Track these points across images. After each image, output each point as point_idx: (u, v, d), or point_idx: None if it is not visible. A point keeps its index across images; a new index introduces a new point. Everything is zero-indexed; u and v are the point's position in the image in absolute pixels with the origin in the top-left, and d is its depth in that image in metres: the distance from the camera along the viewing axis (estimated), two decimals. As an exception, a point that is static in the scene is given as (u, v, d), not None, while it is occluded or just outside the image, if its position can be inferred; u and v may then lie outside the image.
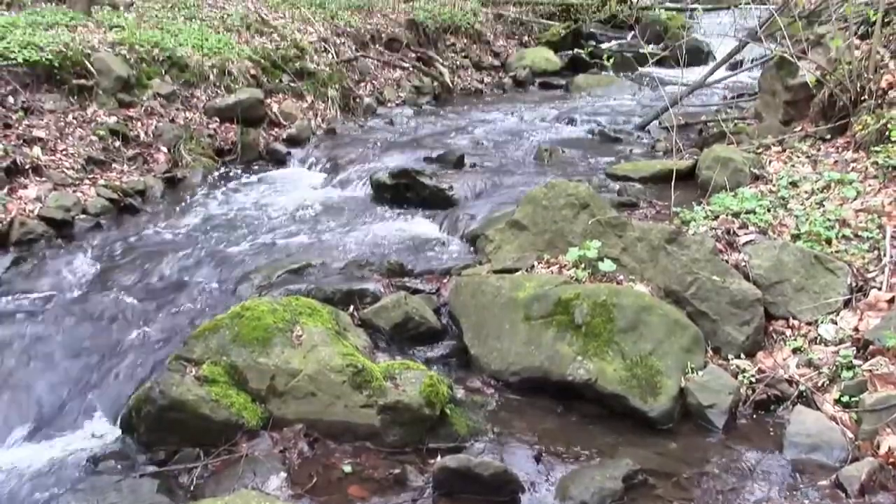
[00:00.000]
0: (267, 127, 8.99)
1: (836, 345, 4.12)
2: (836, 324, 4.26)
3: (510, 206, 5.85)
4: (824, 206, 5.25)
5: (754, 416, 3.95)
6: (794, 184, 5.77)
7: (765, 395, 3.98)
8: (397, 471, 3.50)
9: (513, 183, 7.17)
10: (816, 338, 4.24)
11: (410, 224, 6.40)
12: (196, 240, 5.96)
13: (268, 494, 3.22)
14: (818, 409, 3.79)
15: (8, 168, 6.24)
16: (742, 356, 4.23)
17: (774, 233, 4.99)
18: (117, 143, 7.31)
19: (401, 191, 6.89)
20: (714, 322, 4.32)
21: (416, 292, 4.95)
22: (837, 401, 3.78)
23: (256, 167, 8.29)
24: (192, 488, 3.42)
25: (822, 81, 6.69)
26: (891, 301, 4.22)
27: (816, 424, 3.66)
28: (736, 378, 4.05)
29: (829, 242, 4.83)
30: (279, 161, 8.48)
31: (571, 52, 14.94)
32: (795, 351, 4.20)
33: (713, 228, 5.04)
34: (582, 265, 4.67)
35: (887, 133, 5.68)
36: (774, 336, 4.38)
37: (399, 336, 4.56)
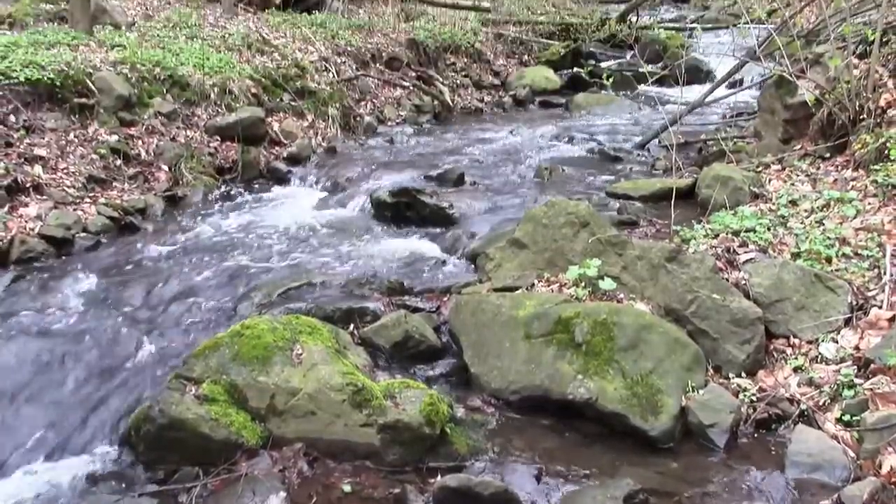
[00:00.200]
0: (268, 145, 9.01)
1: (837, 363, 4.11)
2: (837, 342, 4.25)
3: (510, 225, 5.86)
4: (824, 225, 5.25)
5: (755, 436, 3.93)
6: (794, 202, 5.78)
7: (766, 414, 3.97)
8: (397, 490, 3.49)
9: (513, 201, 7.19)
10: (817, 356, 4.23)
11: (411, 242, 6.40)
12: (196, 258, 5.96)
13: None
14: (820, 428, 3.78)
15: (9, 186, 6.25)
16: (743, 375, 4.22)
17: (774, 251, 5.00)
18: (118, 162, 7.33)
19: (401, 209, 6.90)
20: (715, 340, 4.31)
21: (417, 311, 4.94)
22: (839, 420, 3.77)
23: (257, 186, 8.31)
24: (192, 508, 3.41)
25: (821, 100, 6.71)
26: (891, 319, 4.21)
27: (818, 443, 3.65)
28: (737, 397, 4.04)
29: (830, 261, 4.83)
30: (280, 179, 8.50)
31: (571, 71, 15.01)
32: (796, 370, 4.19)
33: (713, 247, 5.05)
34: (582, 284, 4.68)
35: (886, 152, 5.70)
36: (775, 354, 4.37)
37: (399, 354, 4.56)
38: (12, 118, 6.92)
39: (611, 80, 9.13)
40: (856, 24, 7.24)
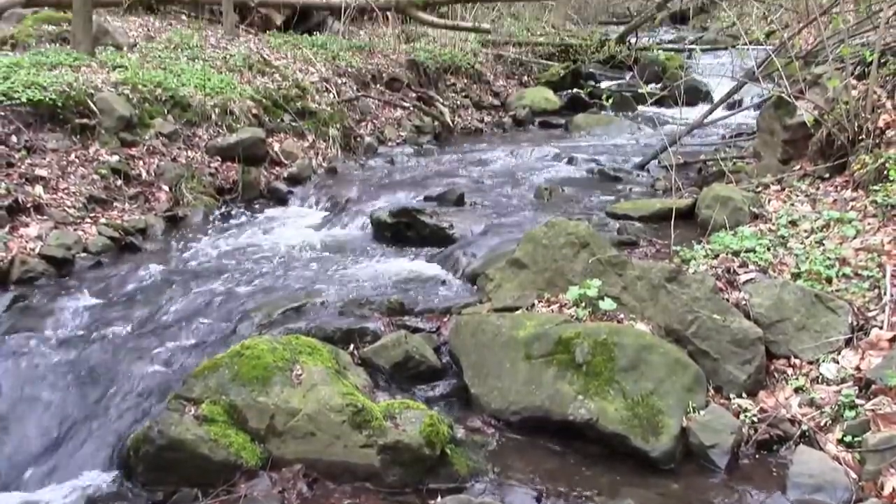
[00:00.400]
0: (268, 166, 9.02)
1: (838, 384, 4.10)
2: (838, 363, 4.24)
3: (510, 245, 5.86)
4: (824, 245, 5.25)
5: (757, 456, 3.92)
6: (794, 222, 5.78)
7: (767, 435, 3.95)
8: (397, 511, 3.48)
9: (513, 221, 7.19)
10: (818, 377, 4.22)
11: (411, 262, 6.40)
12: (196, 278, 5.95)
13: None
14: (821, 449, 3.76)
15: (10, 207, 6.26)
16: (744, 395, 4.21)
17: (775, 271, 5.00)
18: (119, 182, 7.34)
19: (401, 229, 6.91)
20: (715, 361, 4.30)
21: (417, 331, 4.94)
22: (840, 441, 3.75)
23: (257, 206, 8.32)
24: (190, 529, 3.39)
25: (820, 121, 6.73)
26: (892, 340, 4.21)
27: (819, 465, 3.63)
28: (738, 417, 4.03)
29: (830, 281, 4.83)
30: (280, 200, 8.51)
31: (571, 92, 15.08)
32: (797, 390, 4.18)
33: (713, 267, 5.05)
34: (582, 304, 4.67)
35: (885, 172, 5.71)
36: (776, 375, 4.36)
37: (399, 375, 4.54)
38: (14, 139, 6.93)
39: (610, 101, 9.20)
40: (854, 46, 7.28)
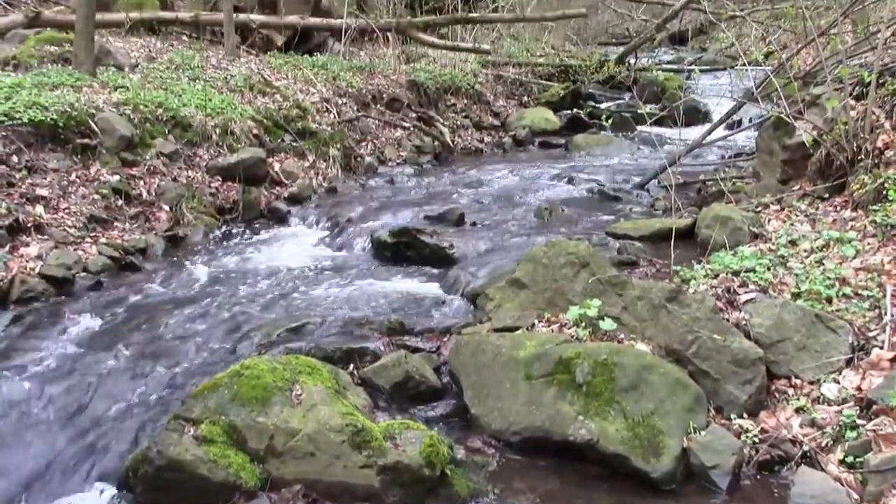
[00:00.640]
0: (268, 186, 9.06)
1: (839, 404, 4.09)
2: (839, 383, 4.23)
3: (510, 265, 5.86)
4: (824, 265, 5.25)
5: (758, 477, 3.90)
6: (794, 242, 5.79)
7: (768, 456, 3.94)
8: (397, 533, 3.46)
9: (513, 241, 7.20)
10: (819, 397, 4.20)
11: (411, 282, 6.40)
12: (196, 298, 5.96)
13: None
14: (823, 470, 3.74)
15: (10, 226, 6.27)
16: (745, 415, 4.19)
17: (775, 291, 4.99)
18: (119, 202, 7.36)
19: (401, 249, 6.92)
20: (716, 381, 4.29)
21: (417, 351, 4.93)
22: (842, 461, 3.74)
23: (258, 225, 8.34)
24: (189, 551, 3.37)
25: (819, 141, 6.75)
26: (893, 360, 4.20)
27: (821, 485, 3.61)
28: (739, 438, 4.01)
29: (830, 301, 4.82)
30: (280, 219, 8.53)
31: (570, 112, 15.11)
32: (798, 410, 4.16)
33: (713, 287, 5.04)
34: (582, 324, 4.67)
35: (884, 192, 5.72)
36: (777, 395, 4.35)
37: (399, 395, 4.53)
38: (15, 158, 6.95)
39: (610, 121, 9.20)
40: (852, 67, 7.32)
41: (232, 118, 9.26)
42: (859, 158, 6.38)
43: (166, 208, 7.70)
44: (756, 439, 4.02)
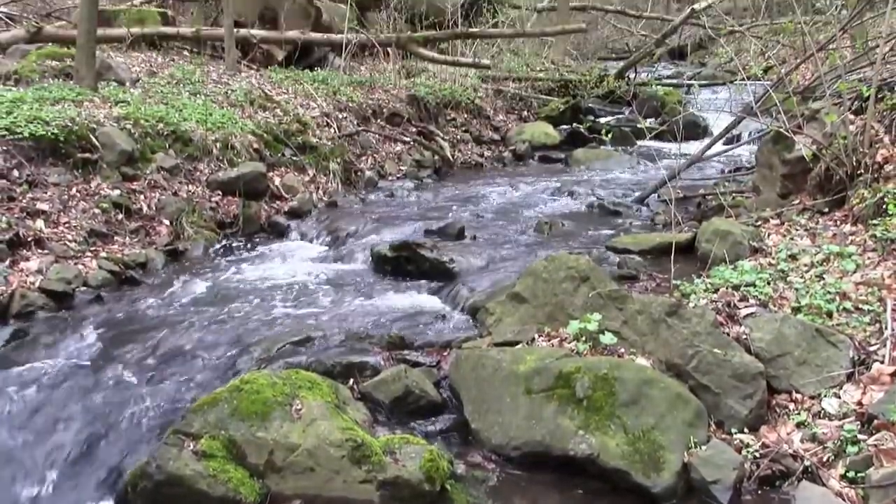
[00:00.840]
0: (269, 200, 9.06)
1: (840, 419, 4.08)
2: (840, 398, 4.22)
3: (511, 279, 5.86)
4: (824, 279, 5.25)
5: (759, 492, 3.88)
6: (794, 257, 5.78)
7: (769, 471, 3.93)
8: (397, 548, 3.45)
9: (513, 255, 7.20)
10: (820, 412, 4.20)
11: (411, 296, 6.39)
12: (196, 312, 5.95)
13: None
14: (824, 485, 3.73)
15: (10, 240, 6.28)
16: (745, 430, 4.19)
17: (775, 306, 4.99)
18: (120, 216, 7.37)
19: (401, 263, 6.91)
20: (716, 396, 4.29)
21: (417, 365, 4.92)
22: (843, 476, 3.73)
23: (258, 240, 8.34)
24: (188, 567, 3.36)
25: (819, 155, 6.76)
26: (893, 374, 4.19)
27: (823, 501, 3.60)
28: (740, 453, 4.00)
29: (830, 315, 4.82)
30: (280, 234, 8.54)
31: (570, 127, 15.15)
32: (799, 425, 4.16)
33: (713, 301, 5.04)
34: (583, 338, 4.66)
35: (884, 206, 5.72)
36: (778, 410, 4.34)
37: (399, 410, 4.52)
38: (16, 173, 6.97)
39: (609, 136, 9.25)
40: (851, 81, 7.33)
41: (232, 133, 9.28)
42: (859, 173, 6.38)
43: (166, 222, 7.71)
44: (757, 454, 4.01)
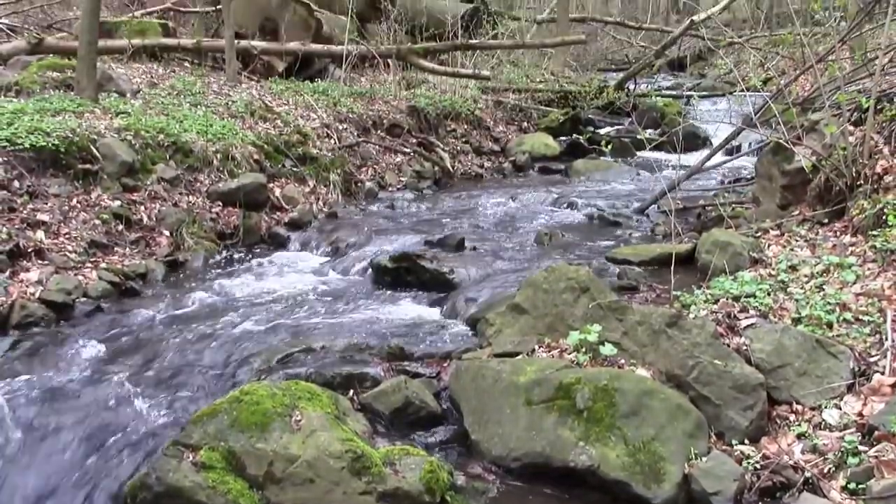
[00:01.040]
0: (269, 211, 9.07)
1: (841, 430, 4.07)
2: (840, 409, 4.22)
3: (511, 290, 5.86)
4: (824, 290, 5.25)
5: (760, 504, 3.89)
6: (794, 267, 5.79)
7: (770, 482, 3.91)
8: (396, 560, 3.44)
9: (513, 266, 7.20)
10: (821, 423, 4.19)
11: (411, 307, 6.39)
12: (196, 323, 5.95)
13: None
14: (825, 497, 3.72)
15: (11, 251, 6.28)
16: (746, 441, 4.18)
17: (775, 316, 4.99)
18: (120, 227, 7.37)
19: (401, 274, 6.91)
20: (717, 407, 4.28)
21: (417, 376, 4.92)
22: (844, 488, 3.71)
23: (258, 251, 8.35)
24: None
25: (818, 167, 6.77)
26: (894, 385, 4.19)
27: (823, 512, 3.60)
28: (740, 464, 3.99)
29: (831, 326, 4.82)
30: (281, 245, 8.54)
31: (570, 138, 15.16)
32: (800, 436, 4.15)
33: (713, 312, 5.04)
34: (583, 349, 4.66)
35: (884, 217, 5.73)
36: (778, 421, 4.33)
37: (399, 421, 4.52)
38: (16, 183, 6.98)
39: (609, 147, 9.25)
40: (850, 93, 7.35)
41: (233, 144, 9.29)
42: (858, 184, 6.39)
43: (167, 233, 7.72)
44: (758, 465, 4.00)
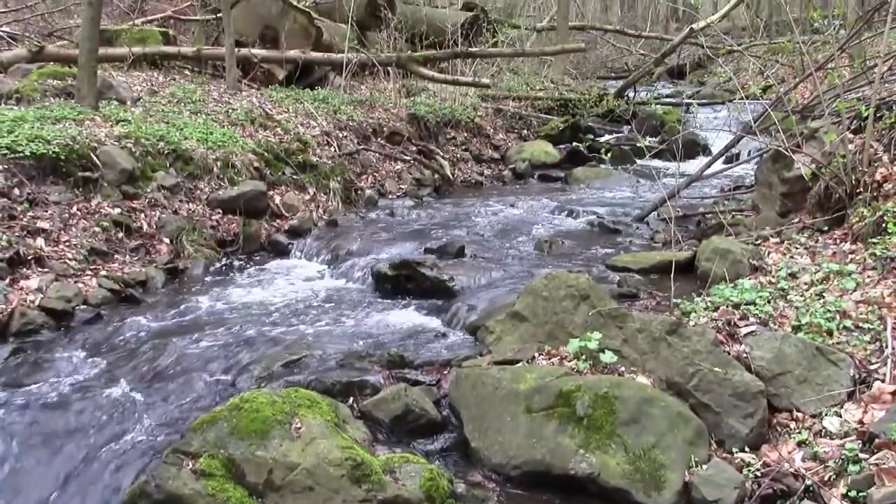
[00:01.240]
0: (269, 218, 9.08)
1: (842, 438, 4.06)
2: (841, 416, 4.21)
3: (511, 297, 5.86)
4: (824, 298, 5.25)
5: (761, 512, 3.87)
6: (794, 275, 5.79)
7: (771, 490, 3.90)
8: (396, 568, 3.43)
9: (513, 274, 7.20)
10: (821, 430, 4.18)
11: (411, 315, 6.39)
12: (196, 331, 5.94)
13: None
14: (825, 504, 3.72)
15: (11, 259, 6.28)
16: (746, 449, 4.17)
17: (775, 324, 4.99)
18: (120, 235, 7.37)
19: (401, 282, 6.91)
20: (717, 414, 4.27)
21: (417, 384, 4.92)
22: (845, 496, 3.70)
23: (258, 258, 8.35)
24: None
25: (818, 174, 6.78)
26: (894, 393, 4.18)
27: (824, 520, 3.59)
28: (741, 472, 3.98)
29: (831, 334, 4.82)
30: (281, 252, 8.54)
31: (570, 146, 15.14)
32: (800, 444, 4.14)
33: (713, 320, 5.04)
34: (583, 357, 4.66)
35: (884, 225, 5.73)
36: (779, 429, 4.32)
37: (399, 428, 4.51)
38: (17, 191, 6.98)
39: (609, 155, 9.24)
40: (850, 100, 7.37)
41: (233, 151, 9.30)
42: (858, 191, 6.40)
43: (167, 241, 7.72)
44: (758, 473, 3.99)
